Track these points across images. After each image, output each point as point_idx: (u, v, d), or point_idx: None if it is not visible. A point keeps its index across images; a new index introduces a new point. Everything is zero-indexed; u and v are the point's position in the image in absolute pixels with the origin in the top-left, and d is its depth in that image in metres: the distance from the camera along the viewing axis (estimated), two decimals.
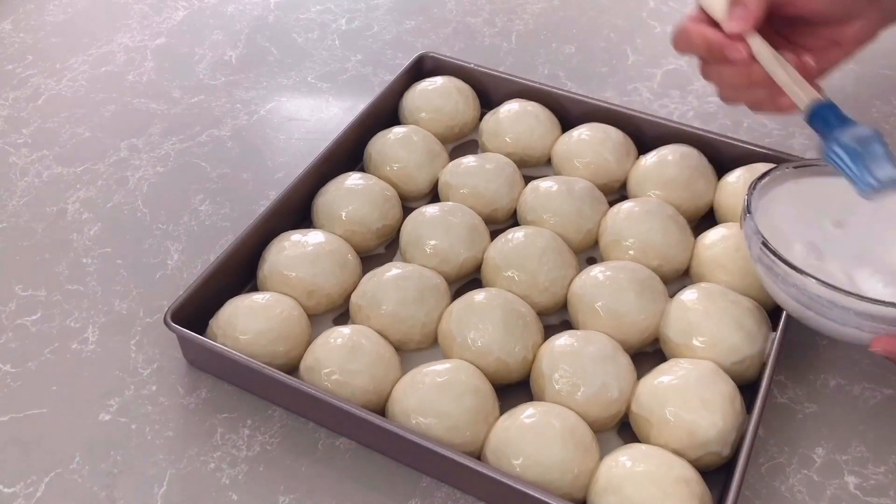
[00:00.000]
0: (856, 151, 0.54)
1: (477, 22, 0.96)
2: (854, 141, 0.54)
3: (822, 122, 0.56)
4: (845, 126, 0.55)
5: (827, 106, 0.56)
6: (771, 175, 0.59)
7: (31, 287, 0.69)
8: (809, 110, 0.57)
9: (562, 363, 0.58)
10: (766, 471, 0.57)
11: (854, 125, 0.55)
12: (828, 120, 0.56)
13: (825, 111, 0.56)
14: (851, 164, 0.54)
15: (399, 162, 0.73)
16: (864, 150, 0.54)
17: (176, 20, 0.97)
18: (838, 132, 0.55)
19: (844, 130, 0.55)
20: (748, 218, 0.55)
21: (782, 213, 0.58)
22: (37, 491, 0.57)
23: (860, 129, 0.55)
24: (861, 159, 0.53)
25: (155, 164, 0.79)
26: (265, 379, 0.58)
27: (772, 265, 0.53)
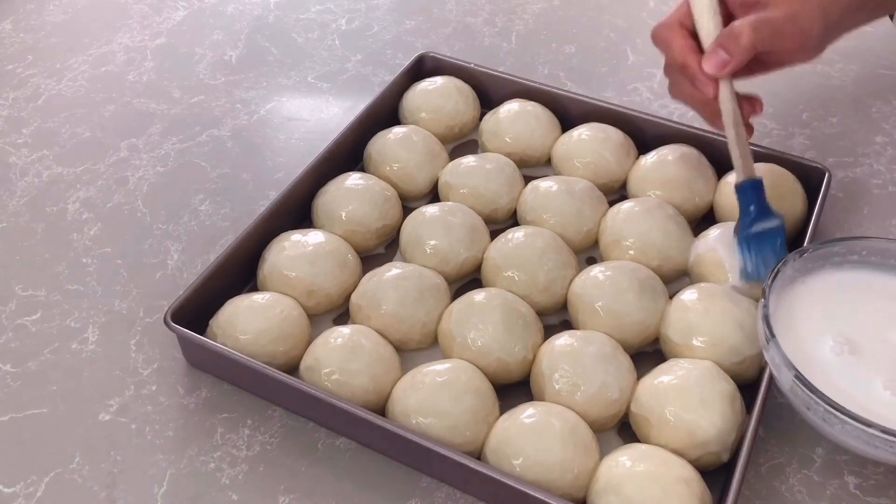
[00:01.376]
0: (757, 244, 0.61)
1: (477, 22, 0.96)
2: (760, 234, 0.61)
3: (745, 196, 0.62)
4: (763, 211, 0.62)
5: (758, 183, 0.62)
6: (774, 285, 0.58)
7: (31, 287, 0.69)
8: (741, 183, 0.63)
9: (562, 363, 0.58)
10: (766, 471, 0.57)
11: (768, 213, 0.62)
12: (750, 195, 0.62)
13: (754, 187, 0.62)
14: (750, 256, 0.61)
15: (399, 162, 0.73)
16: (763, 245, 0.61)
17: (176, 20, 0.97)
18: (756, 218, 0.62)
19: (758, 220, 0.62)
20: (772, 343, 0.54)
21: (802, 313, 0.58)
22: (37, 491, 0.57)
23: (770, 221, 0.62)
24: (758, 253, 0.61)
25: (155, 164, 0.79)
26: (265, 379, 0.58)
27: (808, 399, 0.52)
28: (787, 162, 0.71)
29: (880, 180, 0.76)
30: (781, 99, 0.84)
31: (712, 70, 0.61)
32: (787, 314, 0.57)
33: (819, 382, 0.51)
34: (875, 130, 0.81)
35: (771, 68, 0.65)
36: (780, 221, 0.62)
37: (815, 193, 0.69)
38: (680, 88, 0.66)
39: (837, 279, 0.59)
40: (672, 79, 0.67)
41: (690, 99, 0.66)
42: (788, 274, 0.58)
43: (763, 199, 0.62)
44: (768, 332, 0.54)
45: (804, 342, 0.56)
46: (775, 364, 0.54)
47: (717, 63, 0.61)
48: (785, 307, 0.57)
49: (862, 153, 0.79)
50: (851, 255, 0.60)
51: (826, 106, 0.84)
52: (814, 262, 0.59)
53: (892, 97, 0.84)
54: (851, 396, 0.52)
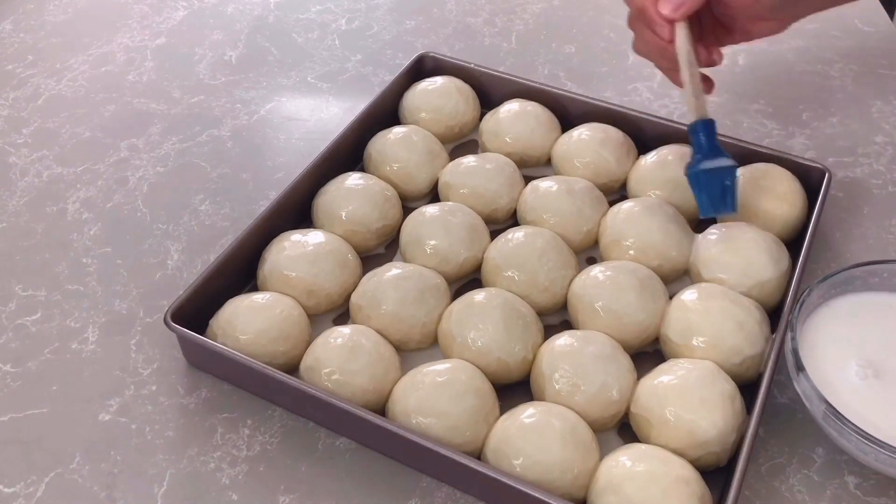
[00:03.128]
0: (709, 178, 0.63)
1: (477, 22, 0.96)
2: (712, 170, 0.63)
3: (697, 136, 0.64)
4: (712, 151, 0.63)
5: (708, 122, 0.64)
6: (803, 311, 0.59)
7: (31, 287, 0.69)
8: (693, 123, 0.64)
9: (562, 363, 0.58)
10: (766, 471, 0.57)
11: (719, 152, 0.63)
12: (702, 135, 0.64)
13: (705, 126, 0.64)
14: (702, 190, 0.63)
15: (399, 162, 0.73)
16: (714, 180, 0.63)
17: (176, 20, 0.97)
18: (703, 158, 0.63)
19: (709, 158, 0.63)
20: (802, 377, 0.55)
21: (826, 339, 0.59)
22: (37, 491, 0.57)
23: (721, 160, 0.63)
24: (709, 188, 0.63)
25: (155, 164, 0.79)
26: (265, 379, 0.58)
27: (842, 429, 0.53)
28: (787, 162, 0.71)
29: (880, 180, 0.76)
30: (781, 99, 0.84)
31: (668, 11, 0.63)
32: (812, 339, 0.58)
33: (847, 409, 0.53)
34: (875, 130, 0.81)
35: (737, 36, 0.68)
36: (732, 161, 0.63)
37: (815, 193, 0.69)
38: (642, 38, 0.68)
39: (860, 302, 0.60)
40: (635, 30, 0.69)
41: (651, 48, 0.68)
42: (812, 300, 0.59)
43: (714, 139, 0.64)
44: (798, 365, 0.55)
45: (829, 367, 0.57)
46: (807, 395, 0.55)
47: (672, 4, 0.63)
48: (810, 333, 0.59)
49: (862, 153, 0.79)
50: (873, 278, 0.61)
51: (826, 106, 0.84)
52: (836, 287, 0.60)
53: (892, 97, 0.84)
54: (878, 420, 0.54)
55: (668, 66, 0.68)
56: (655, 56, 0.69)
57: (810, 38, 0.91)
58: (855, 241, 0.71)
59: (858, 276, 0.61)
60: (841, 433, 0.53)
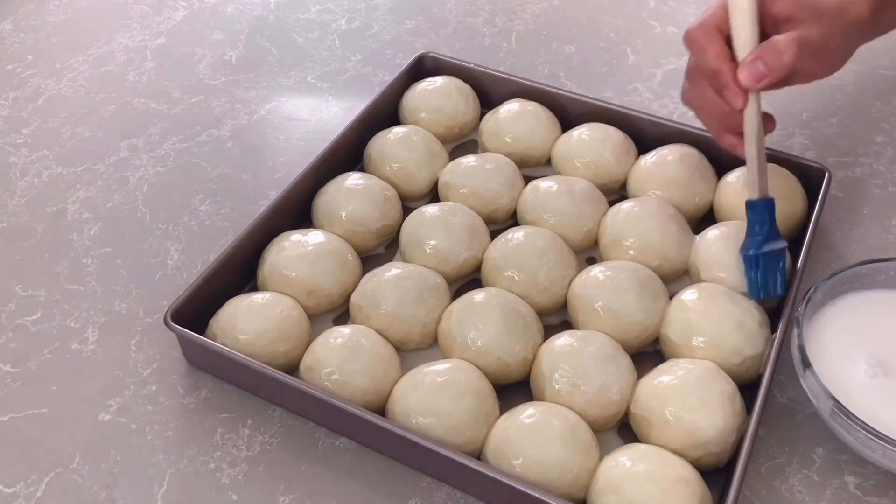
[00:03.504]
0: (765, 261, 0.61)
1: (477, 22, 0.96)
2: (767, 253, 0.61)
3: (758, 217, 0.62)
4: (769, 232, 0.62)
5: (769, 203, 0.62)
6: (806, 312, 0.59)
7: (31, 287, 0.69)
8: (753, 201, 0.62)
9: (562, 363, 0.58)
10: (766, 471, 0.57)
11: (775, 235, 0.62)
12: (761, 214, 0.62)
13: (767, 206, 0.62)
14: (757, 273, 0.61)
15: (399, 162, 0.73)
16: (770, 263, 0.61)
17: (176, 20, 0.97)
18: (761, 238, 0.62)
19: (766, 240, 0.62)
20: (809, 373, 0.55)
21: (832, 337, 0.59)
22: (37, 491, 0.57)
23: (776, 243, 0.62)
24: (764, 270, 0.61)
25: (155, 164, 0.79)
26: (265, 379, 0.58)
27: (849, 425, 0.53)
28: (787, 162, 0.71)
29: (880, 180, 0.76)
30: (781, 99, 0.84)
31: (748, 82, 0.58)
32: (818, 338, 0.58)
33: (855, 407, 0.53)
34: (875, 130, 0.81)
35: (788, 84, 0.63)
36: (784, 244, 0.62)
37: (815, 193, 0.69)
38: (699, 94, 0.64)
39: (865, 300, 0.60)
40: (693, 83, 0.65)
41: (707, 108, 0.64)
42: (818, 298, 0.59)
43: (773, 220, 0.62)
44: (805, 362, 0.55)
45: (837, 366, 0.57)
46: (814, 393, 0.55)
47: (754, 75, 0.58)
48: (816, 331, 0.59)
49: (862, 153, 0.79)
50: (879, 276, 0.61)
51: (826, 106, 0.84)
52: (842, 285, 0.60)
53: (892, 97, 0.84)
54: (886, 418, 0.54)
55: (718, 129, 0.65)
56: (709, 116, 0.65)
57: None
58: (855, 241, 0.71)
59: (864, 274, 0.61)
60: (848, 430, 0.53)
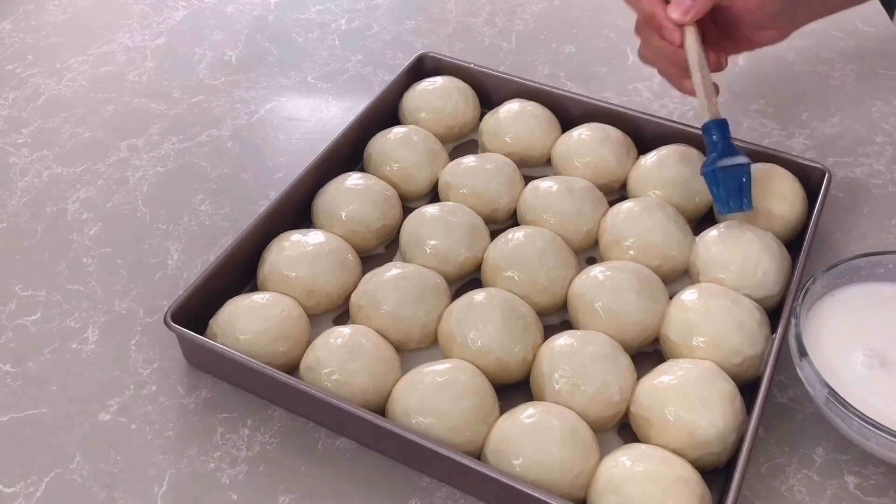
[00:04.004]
0: (724, 177, 0.64)
1: (477, 22, 0.96)
2: (727, 168, 0.64)
3: (711, 137, 0.65)
4: (726, 150, 0.65)
5: (722, 122, 0.65)
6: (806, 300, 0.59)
7: (31, 287, 0.69)
8: (707, 122, 0.65)
9: (562, 363, 0.58)
10: (766, 471, 0.57)
11: (733, 151, 0.65)
12: (716, 136, 0.65)
13: (719, 127, 0.65)
14: (719, 188, 0.64)
15: (399, 162, 0.73)
16: (731, 178, 0.64)
17: (176, 20, 0.97)
18: (719, 156, 0.64)
19: (724, 156, 0.64)
20: (805, 362, 0.56)
21: (830, 328, 0.59)
22: (37, 491, 0.57)
23: (736, 158, 0.64)
24: (726, 186, 0.64)
25: (155, 164, 0.79)
26: (265, 379, 0.58)
27: (843, 413, 0.54)
28: (787, 162, 0.71)
29: (880, 180, 0.76)
30: (781, 99, 0.84)
31: (677, 15, 0.65)
32: (816, 329, 0.59)
33: (851, 396, 0.53)
34: (875, 130, 0.81)
35: (741, 45, 0.69)
36: (746, 159, 0.65)
37: (815, 193, 0.69)
38: (650, 45, 0.69)
39: (865, 292, 0.61)
40: (642, 37, 0.70)
41: (658, 54, 0.69)
42: (817, 289, 0.59)
43: (728, 138, 0.65)
44: (801, 350, 0.56)
45: (834, 357, 0.57)
46: (809, 382, 0.55)
47: (681, 8, 0.65)
48: (814, 322, 0.59)
49: (862, 153, 0.79)
50: (878, 269, 0.61)
51: (826, 106, 0.84)
52: (841, 277, 0.60)
53: (892, 97, 0.84)
54: (883, 408, 0.54)
55: (675, 73, 0.69)
56: (663, 62, 0.70)
57: (810, 38, 0.91)
58: (855, 241, 0.71)
59: (863, 267, 0.61)
60: (843, 418, 0.53)
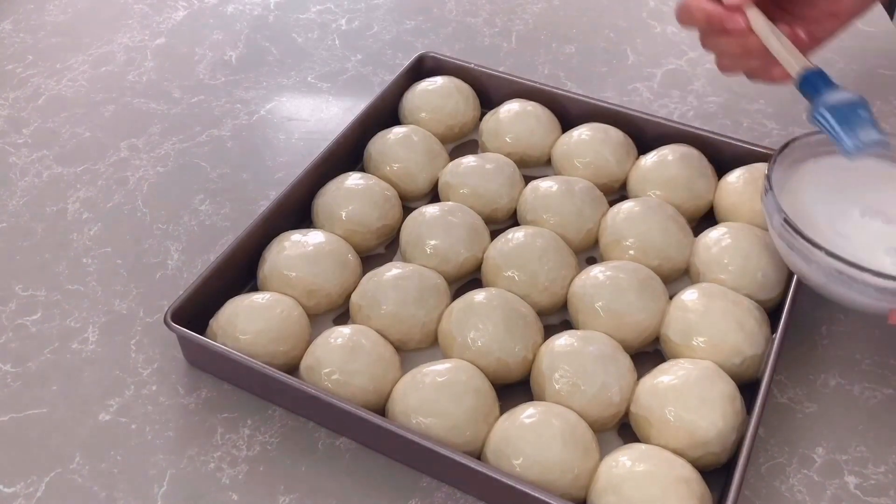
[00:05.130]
0: (841, 113, 0.58)
1: (477, 22, 0.96)
2: (840, 104, 0.58)
3: (812, 88, 0.60)
4: (833, 91, 0.59)
5: (816, 73, 0.60)
6: (790, 148, 0.60)
7: (31, 287, 0.69)
8: (800, 77, 0.60)
9: (562, 363, 0.58)
10: (766, 471, 0.57)
11: (841, 91, 0.59)
12: (817, 86, 0.59)
13: (815, 77, 0.60)
14: (836, 125, 0.58)
15: (399, 162, 0.73)
16: (848, 113, 0.58)
17: (176, 20, 0.97)
18: (826, 96, 0.59)
19: (832, 95, 0.59)
20: (769, 193, 0.56)
21: (806, 192, 0.59)
22: (37, 491, 0.57)
23: (847, 94, 0.59)
24: (845, 122, 0.57)
25: (155, 164, 0.79)
26: (265, 379, 0.58)
27: (793, 241, 0.54)
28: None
29: None
30: (781, 99, 0.84)
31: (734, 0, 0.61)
32: (796, 189, 0.59)
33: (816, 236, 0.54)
34: None
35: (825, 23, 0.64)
36: (858, 96, 0.59)
37: None
38: (722, 50, 0.66)
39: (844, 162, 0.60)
40: (711, 47, 0.66)
41: (736, 55, 0.65)
42: (796, 155, 0.60)
43: (832, 84, 0.60)
44: (767, 185, 0.57)
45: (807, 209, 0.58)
46: (769, 213, 0.56)
47: None
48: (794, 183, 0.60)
49: None
50: None
51: None
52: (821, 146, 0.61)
53: (892, 97, 0.84)
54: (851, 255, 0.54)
55: (760, 66, 0.65)
56: (743, 61, 0.66)
57: None
58: None
59: None
60: (792, 245, 0.54)
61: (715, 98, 0.85)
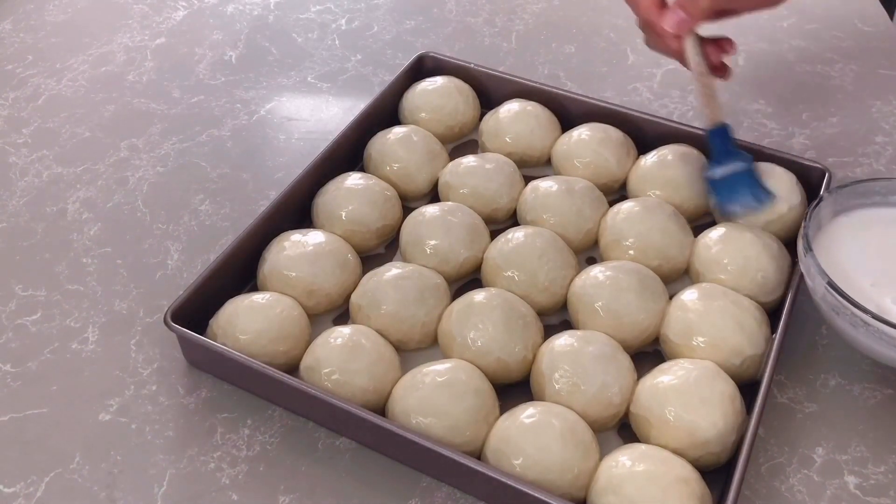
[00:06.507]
0: (724, 184, 0.67)
1: (477, 22, 0.96)
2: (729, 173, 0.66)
3: (716, 141, 0.67)
4: (729, 152, 0.67)
5: (720, 129, 0.67)
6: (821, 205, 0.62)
7: (31, 287, 0.69)
8: (710, 128, 0.67)
9: (562, 363, 0.58)
10: (766, 471, 0.57)
11: (733, 155, 0.67)
12: (718, 141, 0.67)
13: (722, 131, 0.67)
14: (718, 193, 0.67)
15: (399, 162, 0.73)
16: (732, 182, 0.67)
17: (176, 20, 0.97)
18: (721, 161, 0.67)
19: (724, 159, 0.67)
20: (809, 255, 0.57)
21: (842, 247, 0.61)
22: (37, 491, 0.57)
23: (738, 162, 0.66)
24: (727, 190, 0.67)
25: (155, 164, 0.79)
26: (265, 379, 0.58)
27: (839, 306, 0.55)
28: (787, 162, 0.71)
29: None
30: (781, 99, 0.84)
31: (672, 29, 0.65)
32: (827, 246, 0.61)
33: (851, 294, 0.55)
34: (875, 130, 0.81)
35: (736, 14, 0.68)
36: (745, 162, 0.67)
37: (815, 193, 0.69)
38: (653, 41, 0.70)
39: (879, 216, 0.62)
40: (645, 33, 0.71)
41: (661, 48, 0.70)
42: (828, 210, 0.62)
43: (727, 143, 0.67)
44: (806, 247, 0.58)
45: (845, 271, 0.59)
46: (810, 273, 0.57)
47: (676, 22, 0.65)
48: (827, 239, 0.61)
49: (862, 153, 0.79)
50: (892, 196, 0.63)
51: (826, 106, 0.84)
52: (853, 199, 0.63)
53: (892, 97, 0.84)
54: None
55: (682, 61, 0.69)
56: (667, 54, 0.70)
57: (810, 38, 0.91)
58: None
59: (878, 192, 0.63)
60: (837, 310, 0.55)
61: None
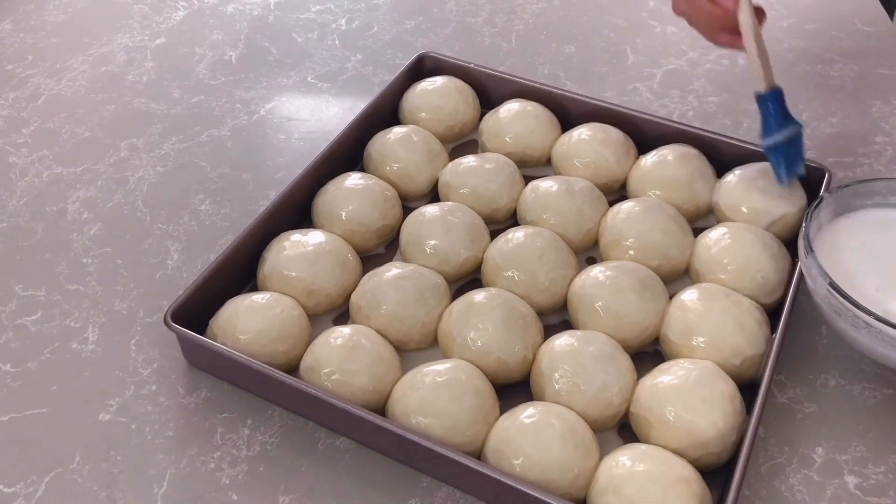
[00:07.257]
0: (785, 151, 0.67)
1: (477, 22, 0.96)
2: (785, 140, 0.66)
3: (767, 107, 0.67)
4: (783, 117, 0.67)
5: (775, 92, 0.67)
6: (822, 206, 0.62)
7: (31, 287, 0.69)
8: (765, 92, 0.67)
9: (562, 363, 0.58)
10: (766, 471, 0.57)
11: (788, 118, 0.67)
12: (774, 105, 0.67)
13: (777, 95, 0.67)
14: (777, 160, 0.67)
15: (399, 162, 0.73)
16: (790, 150, 0.67)
17: (176, 20, 0.97)
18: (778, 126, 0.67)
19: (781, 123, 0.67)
20: (810, 256, 0.57)
21: (844, 248, 0.60)
22: (37, 491, 0.57)
23: (791, 127, 0.66)
24: (784, 157, 0.67)
25: (155, 164, 0.79)
26: (265, 379, 0.58)
27: (840, 307, 0.55)
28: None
29: None
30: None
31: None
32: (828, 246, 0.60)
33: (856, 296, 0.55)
34: (875, 130, 0.81)
35: None
36: (799, 126, 0.67)
37: (815, 193, 0.69)
38: (690, 2, 0.69)
39: (879, 217, 0.62)
40: None
41: (700, 14, 0.68)
42: (828, 210, 0.62)
43: (783, 107, 0.67)
44: (807, 247, 0.58)
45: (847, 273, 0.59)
46: (811, 275, 0.57)
47: None
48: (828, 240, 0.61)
49: (862, 153, 0.79)
50: (892, 197, 0.63)
51: (826, 106, 0.84)
52: (854, 199, 0.63)
53: (892, 97, 0.84)
54: None
55: (709, 27, 0.68)
56: (700, 21, 0.69)
57: (810, 38, 0.91)
58: None
59: (879, 192, 0.63)
60: (839, 311, 0.54)
61: (715, 98, 0.85)
